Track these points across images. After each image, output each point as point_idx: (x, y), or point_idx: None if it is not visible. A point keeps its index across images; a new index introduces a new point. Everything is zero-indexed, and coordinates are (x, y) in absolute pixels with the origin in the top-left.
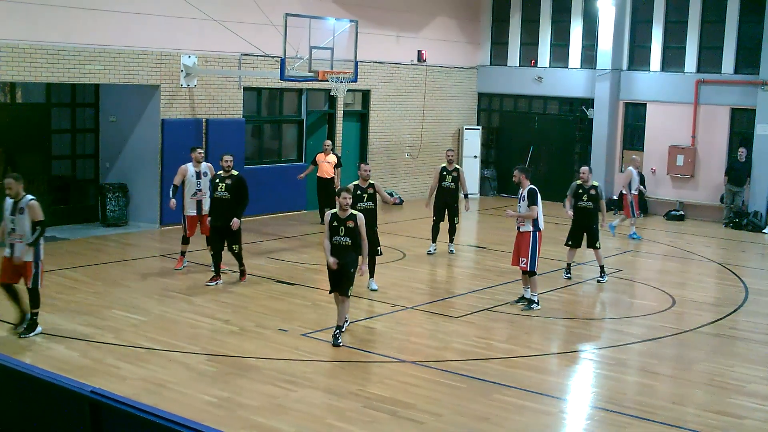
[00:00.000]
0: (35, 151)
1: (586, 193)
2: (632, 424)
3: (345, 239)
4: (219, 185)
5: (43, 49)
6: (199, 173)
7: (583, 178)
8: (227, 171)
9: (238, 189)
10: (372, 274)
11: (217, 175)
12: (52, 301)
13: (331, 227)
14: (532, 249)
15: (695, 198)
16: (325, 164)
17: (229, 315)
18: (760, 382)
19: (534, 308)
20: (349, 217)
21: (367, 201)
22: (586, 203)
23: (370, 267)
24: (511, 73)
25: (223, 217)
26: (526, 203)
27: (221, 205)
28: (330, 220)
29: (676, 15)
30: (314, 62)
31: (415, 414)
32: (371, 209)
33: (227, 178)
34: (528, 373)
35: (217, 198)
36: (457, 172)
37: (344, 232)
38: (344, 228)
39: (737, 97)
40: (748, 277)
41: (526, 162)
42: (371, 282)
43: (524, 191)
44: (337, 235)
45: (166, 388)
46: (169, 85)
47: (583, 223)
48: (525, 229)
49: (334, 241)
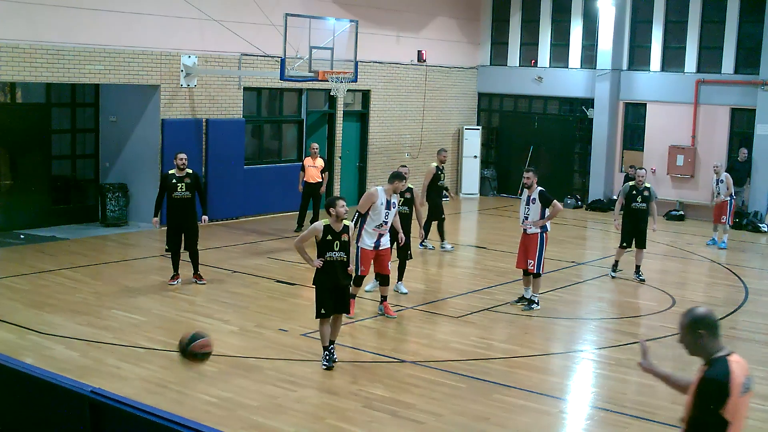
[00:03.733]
0: (35, 151)
1: (640, 194)
2: (632, 424)
3: (340, 254)
4: (178, 185)
5: (43, 49)
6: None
7: (640, 181)
8: (182, 169)
9: (198, 186)
10: (401, 277)
11: (170, 175)
12: (53, 301)
13: (324, 242)
14: (539, 251)
15: (695, 198)
16: (311, 168)
17: (229, 315)
18: (760, 382)
19: (534, 308)
20: (344, 229)
21: (402, 205)
22: (640, 204)
23: (400, 270)
24: (511, 73)
25: (185, 216)
26: (537, 206)
27: (183, 205)
28: (323, 234)
29: (676, 15)
30: (314, 62)
31: (415, 414)
32: (406, 214)
33: (185, 177)
34: (528, 373)
35: (178, 198)
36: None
37: (339, 247)
38: (339, 242)
39: (737, 97)
40: (748, 277)
41: (526, 162)
42: (400, 285)
43: (533, 193)
44: (331, 251)
45: (167, 388)
46: (169, 85)
47: (636, 224)
48: (533, 231)
49: (328, 257)
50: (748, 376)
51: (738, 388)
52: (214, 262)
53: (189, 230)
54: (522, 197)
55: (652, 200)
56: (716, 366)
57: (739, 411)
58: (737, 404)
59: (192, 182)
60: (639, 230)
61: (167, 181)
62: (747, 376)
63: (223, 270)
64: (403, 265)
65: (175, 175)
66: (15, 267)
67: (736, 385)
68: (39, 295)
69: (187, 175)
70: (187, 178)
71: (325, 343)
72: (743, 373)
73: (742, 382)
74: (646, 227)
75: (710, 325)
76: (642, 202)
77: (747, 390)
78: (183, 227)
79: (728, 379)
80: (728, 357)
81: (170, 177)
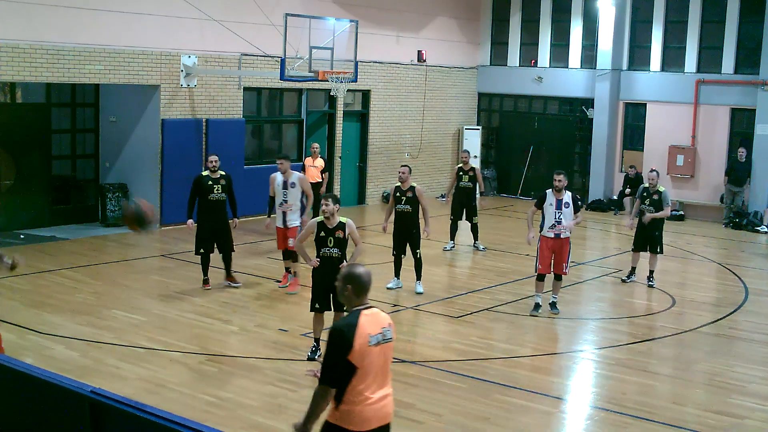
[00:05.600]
0: (35, 151)
1: (650, 197)
2: (632, 424)
3: (334, 250)
4: (215, 187)
5: (43, 49)
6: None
7: (651, 183)
8: (215, 171)
9: (231, 189)
10: (419, 277)
11: (205, 177)
12: (53, 301)
13: (318, 239)
14: (570, 254)
15: (695, 198)
16: (311, 169)
17: (230, 315)
18: (760, 382)
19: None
20: (339, 226)
21: (405, 204)
22: (648, 207)
23: (416, 270)
24: (511, 73)
25: (219, 219)
26: (570, 210)
27: (218, 207)
28: (317, 231)
29: (676, 15)
30: (314, 62)
31: (414, 414)
32: (407, 212)
33: (221, 179)
34: (528, 373)
35: (213, 200)
36: (474, 172)
37: (333, 243)
38: (333, 239)
39: (737, 97)
40: (748, 277)
41: (526, 162)
42: (418, 285)
43: (564, 197)
44: (325, 247)
45: (167, 388)
46: (169, 85)
47: (644, 227)
48: (566, 235)
49: (322, 253)
50: (385, 328)
51: (364, 339)
52: (213, 263)
53: (224, 233)
54: (549, 201)
55: (664, 205)
56: (346, 317)
57: (366, 358)
58: (364, 352)
59: (226, 184)
60: (649, 234)
61: (203, 183)
62: (383, 329)
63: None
64: (419, 265)
65: (210, 177)
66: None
67: (360, 335)
68: (39, 295)
69: (221, 176)
70: (222, 179)
71: (316, 336)
72: (375, 326)
73: (371, 333)
74: (657, 231)
75: (358, 283)
76: (650, 205)
77: (379, 342)
78: (217, 230)
79: (351, 329)
80: (362, 311)
81: (205, 179)
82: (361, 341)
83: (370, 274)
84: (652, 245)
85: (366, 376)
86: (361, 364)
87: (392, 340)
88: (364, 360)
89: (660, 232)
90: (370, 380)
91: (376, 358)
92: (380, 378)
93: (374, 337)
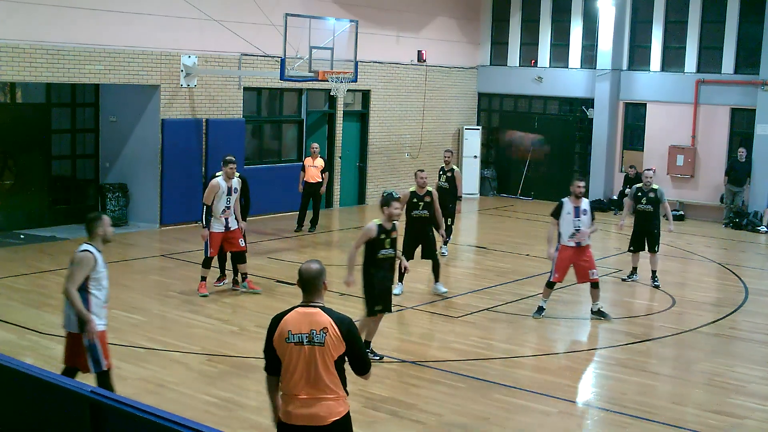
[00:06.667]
0: (35, 151)
1: (645, 196)
2: (632, 424)
3: (390, 251)
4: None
5: (43, 48)
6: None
7: (646, 182)
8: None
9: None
10: (438, 278)
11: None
12: (52, 300)
13: (377, 240)
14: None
15: (695, 198)
16: (311, 169)
17: (229, 315)
18: (760, 382)
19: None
20: (393, 227)
21: (423, 209)
22: (645, 206)
23: (435, 271)
24: (511, 73)
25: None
26: (588, 217)
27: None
28: (377, 233)
29: (676, 15)
30: (314, 62)
31: (415, 414)
32: (425, 217)
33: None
34: (528, 373)
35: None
36: (452, 173)
37: (390, 245)
38: (390, 240)
39: (737, 97)
40: (748, 277)
41: (526, 163)
42: (441, 285)
43: (583, 204)
44: (383, 248)
45: (166, 388)
46: (169, 85)
47: (643, 226)
48: (587, 242)
49: (380, 255)
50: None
51: (282, 333)
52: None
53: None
54: (566, 210)
55: (662, 202)
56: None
57: (286, 354)
58: (282, 347)
59: (243, 187)
60: (647, 233)
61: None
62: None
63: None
64: (437, 266)
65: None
66: (15, 267)
67: (280, 328)
68: (39, 295)
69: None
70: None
71: (369, 339)
72: (302, 325)
73: (291, 330)
74: (654, 229)
75: (300, 278)
76: (647, 203)
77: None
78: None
79: (276, 320)
80: (298, 307)
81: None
82: (279, 335)
83: (312, 270)
84: (651, 244)
85: (289, 373)
86: (283, 358)
87: (323, 344)
88: (284, 355)
89: (658, 230)
90: (296, 377)
91: (299, 358)
92: (307, 378)
93: (295, 335)
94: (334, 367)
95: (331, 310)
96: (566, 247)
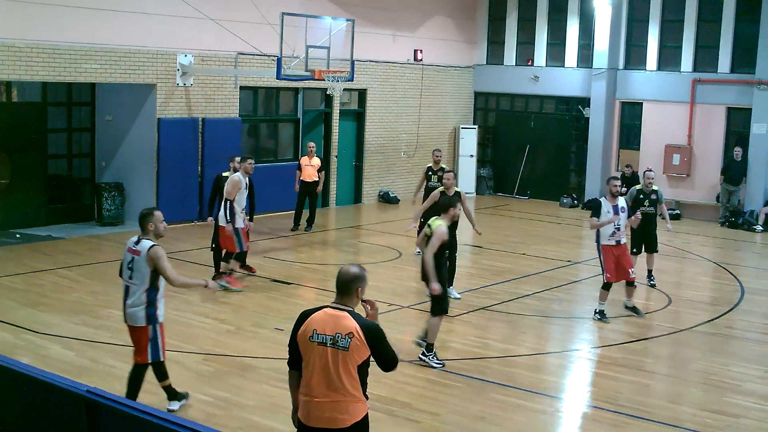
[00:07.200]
0: (31, 150)
1: (648, 198)
2: (629, 423)
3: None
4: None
5: (39, 48)
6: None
7: (647, 183)
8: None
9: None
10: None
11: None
12: (48, 300)
13: (448, 243)
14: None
15: (691, 197)
16: (308, 168)
17: (226, 314)
18: (755, 381)
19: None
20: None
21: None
22: (648, 208)
23: (452, 276)
24: (508, 72)
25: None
26: (626, 213)
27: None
28: (448, 236)
29: (672, 14)
30: (311, 61)
31: (411, 413)
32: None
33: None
34: (525, 372)
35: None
36: (442, 172)
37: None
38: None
39: (733, 96)
40: (744, 276)
41: (523, 161)
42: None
43: (619, 201)
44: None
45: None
46: (166, 84)
47: (645, 228)
48: (624, 240)
49: (447, 256)
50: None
51: (308, 331)
52: (210, 261)
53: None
54: (605, 209)
55: (661, 203)
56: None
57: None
58: (305, 344)
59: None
60: (648, 234)
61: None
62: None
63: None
64: (454, 270)
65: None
66: (11, 266)
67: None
68: (35, 295)
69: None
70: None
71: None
72: (327, 326)
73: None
74: (655, 231)
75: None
76: (650, 206)
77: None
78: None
79: (304, 317)
80: (326, 308)
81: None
82: (304, 331)
83: (349, 273)
84: (650, 245)
85: (309, 370)
86: (304, 354)
87: (347, 349)
88: (306, 352)
89: (656, 230)
90: (316, 377)
91: (318, 358)
92: (327, 380)
93: (319, 335)
94: (356, 372)
95: (359, 316)
96: (609, 247)
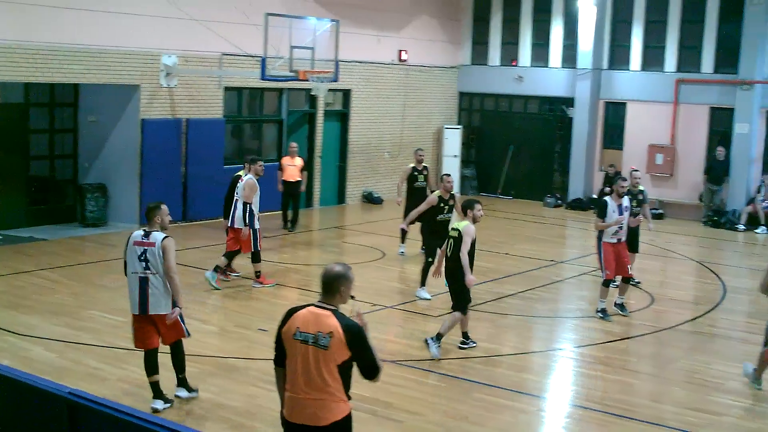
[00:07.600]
0: (13, 151)
1: (635, 198)
2: (612, 422)
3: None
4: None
5: (21, 48)
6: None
7: (634, 183)
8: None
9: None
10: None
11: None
12: (30, 302)
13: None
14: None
15: (674, 196)
16: (290, 168)
17: (209, 315)
18: (738, 379)
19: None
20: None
21: (447, 213)
22: (635, 208)
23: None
24: (492, 72)
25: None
26: (630, 213)
27: None
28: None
29: (656, 15)
30: (295, 62)
31: (394, 413)
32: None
33: None
34: (508, 372)
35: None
36: (427, 171)
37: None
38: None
39: (716, 96)
40: (726, 275)
41: (507, 161)
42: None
43: (624, 201)
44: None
45: (146, 389)
46: (150, 85)
47: (631, 228)
48: (624, 238)
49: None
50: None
51: (291, 329)
52: (193, 262)
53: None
54: (611, 209)
55: (646, 202)
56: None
57: (290, 348)
58: (288, 341)
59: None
60: (633, 234)
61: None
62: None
63: (202, 270)
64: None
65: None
66: None
67: (290, 323)
68: (16, 296)
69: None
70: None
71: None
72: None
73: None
74: (638, 231)
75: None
76: (637, 206)
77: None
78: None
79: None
80: (311, 306)
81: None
82: (289, 329)
83: (331, 272)
84: (632, 245)
85: (293, 368)
86: (288, 352)
87: (327, 348)
88: (290, 350)
89: (639, 230)
90: (298, 374)
91: (301, 356)
92: (309, 378)
93: (302, 333)
94: (338, 371)
95: (342, 315)
96: (610, 244)
